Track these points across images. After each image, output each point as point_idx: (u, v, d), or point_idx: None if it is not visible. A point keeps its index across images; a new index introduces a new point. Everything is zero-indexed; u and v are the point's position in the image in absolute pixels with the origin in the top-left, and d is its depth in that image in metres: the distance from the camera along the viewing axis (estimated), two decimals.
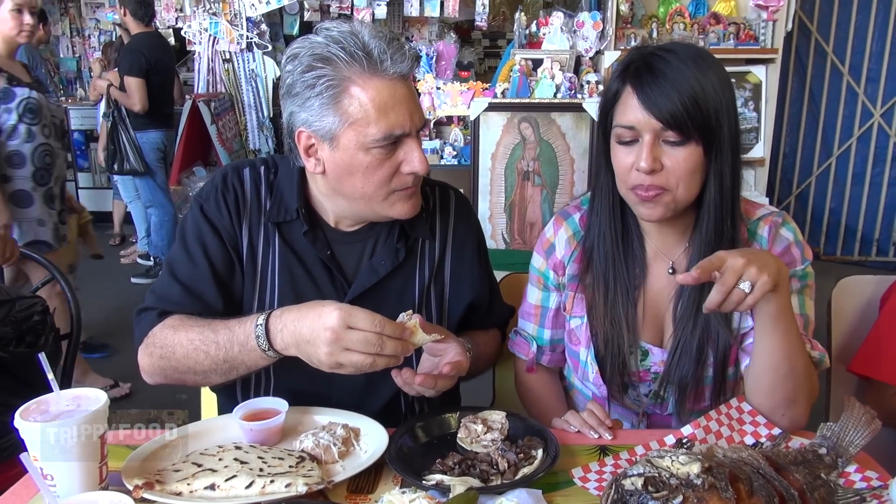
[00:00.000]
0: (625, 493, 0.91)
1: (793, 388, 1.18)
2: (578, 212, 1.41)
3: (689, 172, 1.19)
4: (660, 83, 1.16)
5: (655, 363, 1.33)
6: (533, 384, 1.49)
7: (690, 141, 1.17)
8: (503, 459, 1.10)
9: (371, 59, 1.17)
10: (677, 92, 1.15)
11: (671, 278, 1.32)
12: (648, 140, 1.18)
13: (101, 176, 7.06)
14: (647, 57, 1.19)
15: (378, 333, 1.07)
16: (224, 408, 1.42)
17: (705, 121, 1.16)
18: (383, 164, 1.21)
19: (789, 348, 1.16)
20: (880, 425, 1.11)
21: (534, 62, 4.23)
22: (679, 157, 1.18)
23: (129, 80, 4.69)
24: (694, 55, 1.18)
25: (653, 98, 1.16)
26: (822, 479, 1.02)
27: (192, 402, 1.63)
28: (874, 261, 5.39)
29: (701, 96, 1.15)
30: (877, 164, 5.29)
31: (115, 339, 4.05)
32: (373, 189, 1.23)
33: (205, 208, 1.33)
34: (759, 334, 1.17)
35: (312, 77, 1.18)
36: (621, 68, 1.23)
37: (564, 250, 1.39)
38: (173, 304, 1.29)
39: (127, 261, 5.80)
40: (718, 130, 1.18)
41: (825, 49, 5.22)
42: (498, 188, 4.17)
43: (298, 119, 1.21)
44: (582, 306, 1.37)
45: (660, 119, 1.16)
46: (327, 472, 1.09)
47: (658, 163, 1.18)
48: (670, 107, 1.15)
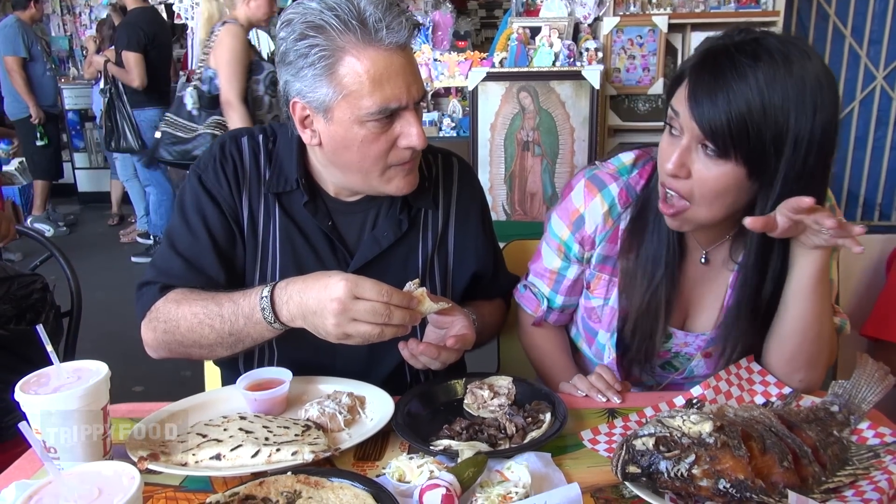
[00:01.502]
0: (636, 454, 0.90)
1: (816, 352, 1.17)
2: (616, 183, 1.27)
3: (715, 192, 1.07)
4: (714, 87, 1.02)
5: (677, 344, 1.31)
6: (540, 339, 1.47)
7: (729, 159, 1.04)
8: (511, 424, 1.09)
9: (366, 29, 1.12)
10: (728, 104, 1.01)
11: (703, 269, 1.27)
12: (685, 142, 1.07)
13: (98, 156, 7.02)
14: (722, 51, 1.05)
15: (385, 303, 1.06)
16: (227, 381, 1.41)
17: (752, 143, 1.02)
18: (379, 137, 1.17)
19: (821, 311, 1.14)
20: (893, 381, 1.10)
21: (532, 30, 4.17)
22: (711, 172, 1.06)
23: (128, 55, 4.62)
24: (777, 66, 1.01)
25: (700, 100, 1.04)
26: (834, 437, 1.01)
27: (197, 379, 1.63)
28: (877, 225, 5.36)
29: (756, 116, 1.01)
30: (879, 128, 5.23)
31: (115, 318, 4.04)
32: (369, 163, 1.20)
33: (203, 179, 1.31)
34: (795, 296, 1.14)
35: (305, 46, 1.13)
36: (699, 53, 1.08)
37: (599, 226, 1.28)
38: (175, 277, 1.27)
39: (126, 240, 5.79)
40: (772, 157, 1.03)
41: (827, 11, 5.14)
42: (498, 159, 4.13)
43: (293, 89, 1.18)
44: (607, 288, 1.31)
45: (699, 125, 1.04)
46: (333, 440, 1.08)
47: (685, 169, 1.08)
48: (714, 117, 1.02)
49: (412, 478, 0.96)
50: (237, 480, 0.97)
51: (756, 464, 0.88)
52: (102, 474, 0.82)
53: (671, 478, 0.88)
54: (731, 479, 0.85)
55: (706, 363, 1.30)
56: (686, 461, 0.87)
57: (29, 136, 5.76)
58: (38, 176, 5.99)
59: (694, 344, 1.30)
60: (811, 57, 1.04)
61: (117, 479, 0.81)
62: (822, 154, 1.05)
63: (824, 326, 1.16)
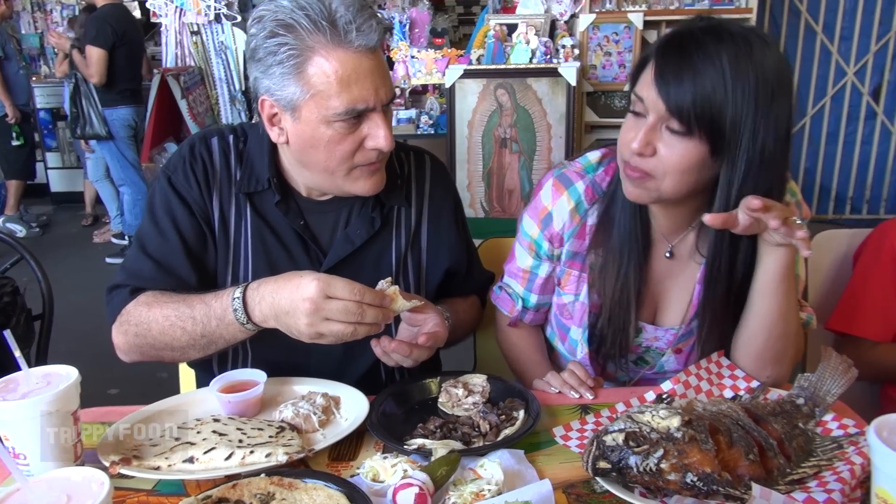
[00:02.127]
0: (606, 450, 0.91)
1: (782, 349, 1.19)
2: (583, 181, 1.30)
3: (680, 168, 1.10)
4: (680, 69, 1.06)
5: (647, 339, 1.33)
6: (516, 339, 1.48)
7: (693, 137, 1.08)
8: (485, 421, 1.10)
9: (335, 30, 1.12)
10: (693, 84, 1.05)
11: (669, 263, 1.29)
12: (651, 121, 1.10)
13: (71, 155, 6.91)
14: (687, 35, 1.09)
15: (358, 302, 1.06)
16: (202, 382, 1.40)
17: (715, 122, 1.06)
18: (346, 138, 1.17)
19: (786, 310, 1.16)
20: (857, 373, 1.12)
21: (508, 27, 4.18)
22: (676, 150, 1.10)
23: (92, 49, 4.55)
24: (739, 49, 1.05)
25: (667, 81, 1.07)
26: (799, 429, 1.03)
27: (173, 380, 1.62)
28: (848, 219, 5.46)
29: (719, 97, 1.05)
30: (850, 123, 5.33)
31: (90, 320, 3.99)
32: (335, 163, 1.20)
33: (173, 180, 1.30)
34: (760, 294, 1.16)
35: (275, 44, 1.14)
36: (663, 38, 1.14)
37: (566, 223, 1.31)
38: (145, 279, 1.27)
39: (100, 240, 5.71)
40: (732, 138, 1.07)
41: (799, 8, 5.21)
42: (476, 156, 4.14)
43: (262, 86, 1.18)
44: (577, 284, 1.32)
45: (666, 104, 1.08)
46: (308, 440, 1.08)
47: (651, 147, 1.11)
48: (679, 96, 1.06)
49: (386, 477, 0.97)
50: (210, 483, 0.97)
51: (723, 457, 0.90)
52: (72, 480, 0.81)
53: (640, 472, 0.89)
54: (699, 472, 0.87)
55: (676, 359, 1.32)
56: (655, 456, 0.89)
57: (4, 135, 5.65)
58: (12, 176, 5.89)
59: (664, 339, 1.32)
60: (769, 44, 1.08)
61: (87, 486, 0.80)
62: (782, 137, 1.09)
63: (790, 324, 1.18)
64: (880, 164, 5.36)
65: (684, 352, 1.31)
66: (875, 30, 5.08)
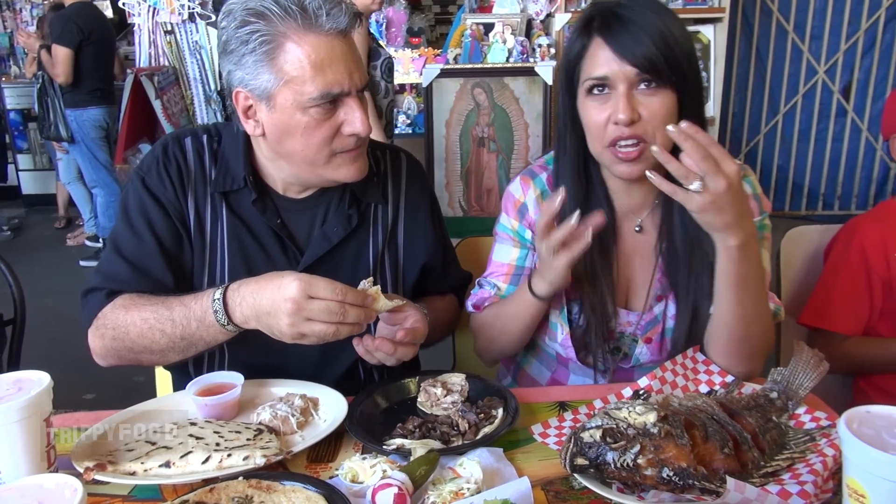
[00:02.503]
0: (584, 446, 0.92)
1: (749, 347, 1.20)
2: (545, 171, 1.38)
3: (665, 120, 1.16)
4: (630, 29, 1.15)
5: (622, 323, 1.34)
6: (487, 314, 1.40)
7: (665, 86, 1.16)
8: (463, 420, 1.10)
9: (306, 15, 1.13)
10: (649, 36, 1.14)
11: (639, 239, 1.32)
12: (624, 90, 1.16)
13: (43, 157, 6.79)
14: (611, 8, 1.19)
15: (340, 302, 1.06)
16: (179, 385, 1.39)
17: (679, 64, 1.15)
18: (322, 124, 1.17)
19: (744, 314, 1.16)
20: (828, 367, 1.14)
21: (485, 26, 4.19)
22: (655, 105, 1.16)
23: (58, 49, 4.46)
24: (654, 3, 1.18)
25: (625, 44, 1.15)
26: (773, 422, 1.05)
27: (149, 384, 1.60)
28: (820, 215, 5.55)
29: (672, 39, 1.15)
30: (821, 120, 5.42)
31: (64, 324, 3.92)
32: (313, 151, 1.20)
33: (147, 181, 1.29)
34: (719, 297, 1.17)
35: (246, 33, 1.14)
36: (583, 23, 1.21)
37: (535, 211, 1.36)
38: (121, 282, 1.25)
39: (74, 243, 5.62)
40: (691, 75, 1.18)
41: (770, 7, 5.29)
42: (454, 155, 4.14)
43: (235, 78, 1.18)
44: None
45: (635, 64, 1.14)
46: (286, 443, 1.08)
47: (636, 112, 1.16)
48: (644, 51, 1.14)
49: (365, 478, 0.97)
50: (187, 488, 0.96)
51: (698, 451, 0.91)
52: (44, 487, 0.80)
53: (618, 468, 0.90)
54: (674, 467, 0.88)
55: (649, 349, 1.33)
56: (631, 451, 0.89)
57: None
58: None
59: (637, 324, 1.33)
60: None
61: (59, 492, 0.79)
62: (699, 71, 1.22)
63: (752, 327, 1.18)
64: (851, 161, 5.46)
65: (654, 341, 1.33)
66: (844, 29, 5.17)
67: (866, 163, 5.44)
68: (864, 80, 5.26)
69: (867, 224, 1.65)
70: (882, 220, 1.65)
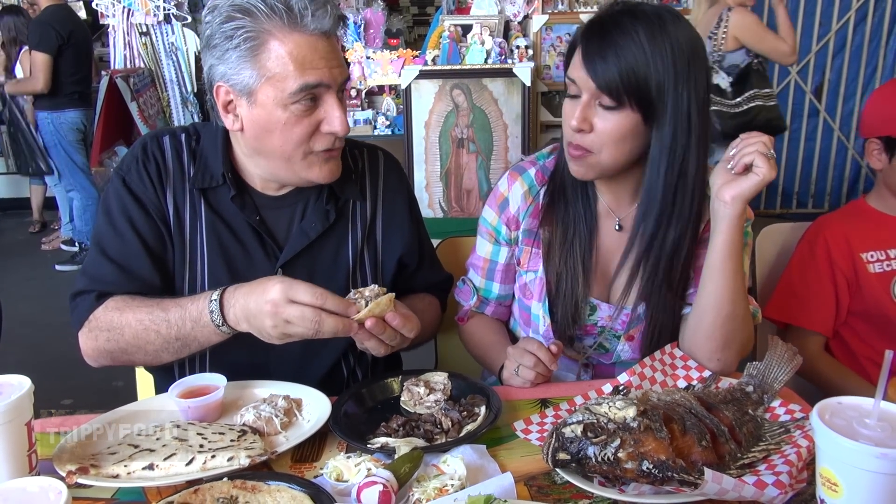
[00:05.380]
0: (565, 441, 0.93)
1: (731, 330, 1.23)
2: (534, 167, 1.41)
3: (615, 139, 1.20)
4: (603, 47, 1.17)
5: (602, 318, 1.36)
6: (476, 327, 1.50)
7: (624, 108, 1.18)
8: (447, 418, 1.11)
9: (291, 14, 1.15)
10: (617, 59, 1.16)
11: (618, 236, 1.35)
12: (585, 99, 1.20)
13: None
14: (606, 18, 1.21)
15: (317, 308, 1.07)
16: (160, 387, 1.39)
17: (642, 93, 1.16)
18: (301, 121, 1.18)
19: (734, 289, 1.21)
20: (801, 360, 1.17)
21: (463, 28, 4.20)
22: (610, 123, 1.19)
23: (37, 55, 4.41)
24: (654, 24, 1.17)
25: (593, 60, 1.18)
26: (749, 415, 1.07)
27: (129, 388, 1.58)
28: (795, 213, 5.64)
29: (642, 68, 1.15)
30: (794, 120, 5.51)
31: (40, 329, 3.87)
32: (291, 147, 1.21)
33: (127, 181, 1.29)
34: (709, 271, 1.21)
35: (231, 28, 1.15)
36: (585, 24, 1.24)
37: (520, 205, 1.39)
38: (109, 284, 1.26)
39: (49, 248, 5.54)
40: (659, 104, 1.18)
41: None
42: (433, 156, 4.15)
43: (217, 72, 1.19)
44: (537, 261, 1.38)
45: (595, 81, 1.18)
46: (270, 443, 1.08)
47: (587, 123, 1.20)
48: (606, 73, 1.16)
49: (350, 476, 0.97)
50: (171, 490, 0.96)
51: (677, 444, 0.93)
52: (27, 491, 0.80)
53: (599, 462, 0.92)
54: (654, 460, 0.90)
55: (630, 347, 1.36)
56: (612, 445, 0.91)
57: None
58: None
59: (618, 319, 1.36)
60: (681, 19, 1.21)
61: (43, 495, 0.79)
62: (702, 100, 1.20)
63: (737, 306, 1.22)
64: (824, 160, 5.55)
65: (636, 339, 1.35)
66: (816, 30, 5.27)
67: (838, 162, 5.55)
68: (835, 80, 5.37)
69: (833, 223, 1.69)
70: (848, 220, 1.69)
